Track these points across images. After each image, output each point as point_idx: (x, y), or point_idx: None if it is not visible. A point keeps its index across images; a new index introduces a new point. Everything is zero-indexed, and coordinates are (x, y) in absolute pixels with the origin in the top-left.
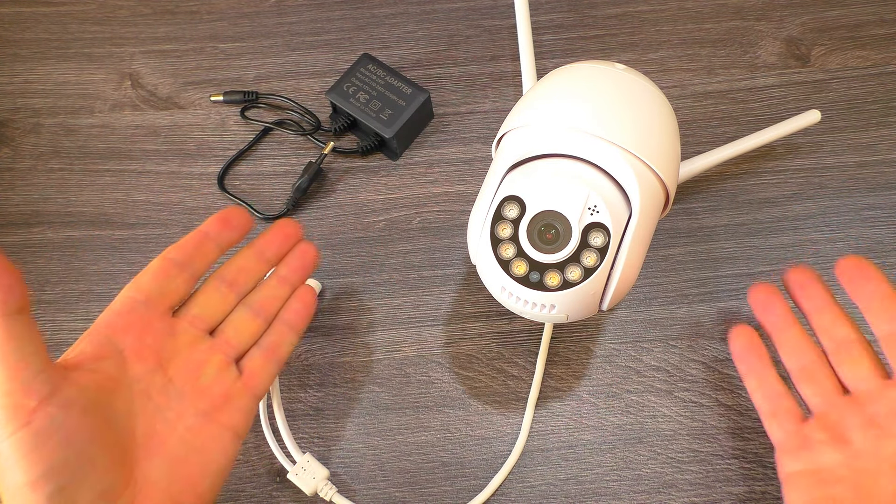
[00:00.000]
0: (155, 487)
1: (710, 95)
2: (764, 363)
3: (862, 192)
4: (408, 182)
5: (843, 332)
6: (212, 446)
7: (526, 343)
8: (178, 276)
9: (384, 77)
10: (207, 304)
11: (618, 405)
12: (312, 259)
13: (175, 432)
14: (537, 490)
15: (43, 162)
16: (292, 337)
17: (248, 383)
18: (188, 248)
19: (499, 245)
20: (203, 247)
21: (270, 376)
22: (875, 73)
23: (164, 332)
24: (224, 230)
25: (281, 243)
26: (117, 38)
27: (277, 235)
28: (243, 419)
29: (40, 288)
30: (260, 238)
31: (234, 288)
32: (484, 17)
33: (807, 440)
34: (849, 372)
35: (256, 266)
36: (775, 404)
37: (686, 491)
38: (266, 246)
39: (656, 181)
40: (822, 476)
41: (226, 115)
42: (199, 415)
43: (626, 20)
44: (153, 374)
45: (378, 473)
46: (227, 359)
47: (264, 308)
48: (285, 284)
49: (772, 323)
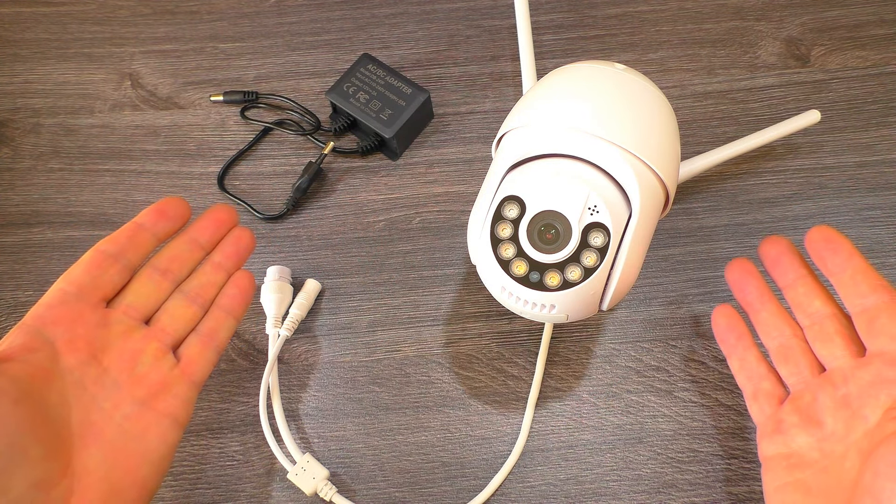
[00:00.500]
0: (93, 476)
1: (710, 95)
2: (745, 343)
3: (862, 192)
4: (408, 182)
5: (817, 306)
6: (150, 434)
7: (526, 343)
8: (110, 267)
9: (384, 77)
10: (141, 292)
11: (618, 405)
12: (247, 244)
13: (112, 421)
14: (537, 490)
15: (43, 162)
16: (230, 322)
17: (185, 370)
18: (121, 239)
19: (499, 245)
20: (137, 237)
21: (209, 363)
22: (875, 73)
23: (96, 322)
24: (160, 220)
25: (215, 229)
26: (117, 38)
27: (211, 221)
28: (182, 406)
29: (40, 288)
30: (193, 225)
31: (168, 276)
32: (484, 17)
33: (781, 423)
34: (823, 349)
35: (190, 253)
36: (756, 385)
37: (686, 491)
38: (199, 233)
39: (656, 181)
40: (793, 460)
41: (226, 115)
42: (136, 403)
43: (626, 20)
44: (87, 364)
45: (378, 473)
46: (162, 346)
47: (200, 295)
48: (220, 270)
49: (748, 301)
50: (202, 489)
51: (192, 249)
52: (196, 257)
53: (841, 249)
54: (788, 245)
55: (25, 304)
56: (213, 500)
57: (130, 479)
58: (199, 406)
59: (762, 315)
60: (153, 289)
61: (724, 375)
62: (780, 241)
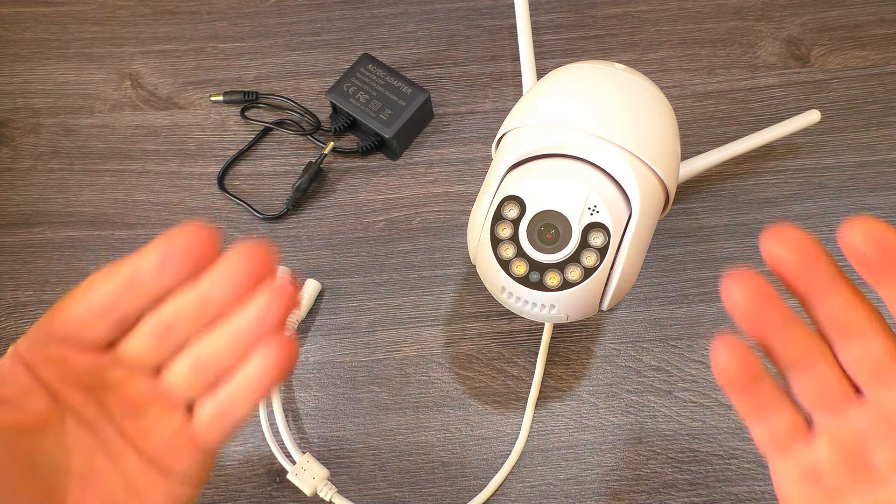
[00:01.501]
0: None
1: (710, 95)
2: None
3: (862, 192)
4: (408, 182)
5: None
6: (155, 493)
7: (526, 343)
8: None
9: (384, 77)
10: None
11: (618, 405)
12: (288, 303)
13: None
14: (537, 490)
15: (43, 162)
16: (257, 395)
17: (198, 434)
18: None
19: (499, 245)
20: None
21: (226, 432)
22: (875, 73)
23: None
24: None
25: (256, 279)
26: (117, 38)
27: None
28: (194, 467)
29: (40, 288)
30: (228, 268)
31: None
32: (484, 17)
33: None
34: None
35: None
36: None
37: (686, 491)
38: (233, 281)
39: (656, 181)
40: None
41: (226, 115)
42: (141, 457)
43: (626, 20)
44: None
45: (378, 473)
46: (174, 402)
47: (229, 351)
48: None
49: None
50: (203, 489)
51: (222, 296)
52: (224, 307)
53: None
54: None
55: (25, 303)
56: (213, 500)
57: None
58: None
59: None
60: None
61: None
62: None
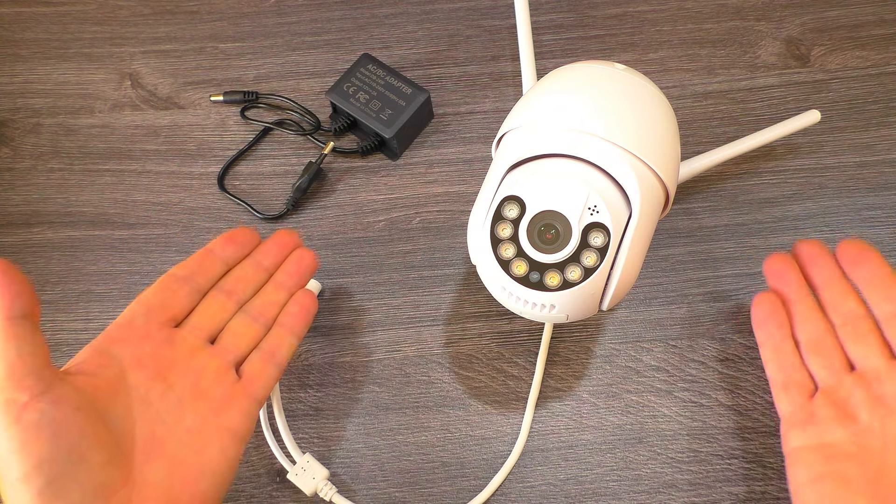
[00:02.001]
0: (153, 488)
1: (710, 95)
2: (783, 332)
3: (862, 192)
4: (408, 182)
5: (849, 307)
6: (210, 447)
7: (526, 343)
8: (179, 290)
9: (384, 77)
10: (206, 313)
11: (618, 405)
12: (309, 263)
13: (174, 435)
14: (537, 490)
15: (43, 162)
16: (291, 340)
17: (247, 387)
18: (192, 265)
19: (499, 245)
20: (206, 262)
21: (270, 379)
22: (875, 73)
23: (162, 341)
24: (229, 246)
25: (278, 252)
26: (117, 38)
27: (275, 244)
28: (243, 421)
29: (40, 288)
30: (258, 249)
31: (233, 296)
32: (484, 17)
33: (813, 415)
34: (855, 348)
35: (254, 275)
36: (788, 375)
37: (686, 491)
38: (264, 255)
39: (656, 181)
40: (828, 451)
41: (226, 115)
42: (198, 418)
43: (626, 20)
44: (153, 381)
45: (378, 473)
46: (225, 363)
47: (262, 314)
48: (282, 289)
49: (785, 293)
50: None
51: (257, 271)
52: (260, 279)
53: (872, 259)
54: (823, 247)
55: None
56: None
57: (190, 492)
58: None
59: (799, 307)
60: (218, 309)
61: (724, 375)
62: (817, 244)
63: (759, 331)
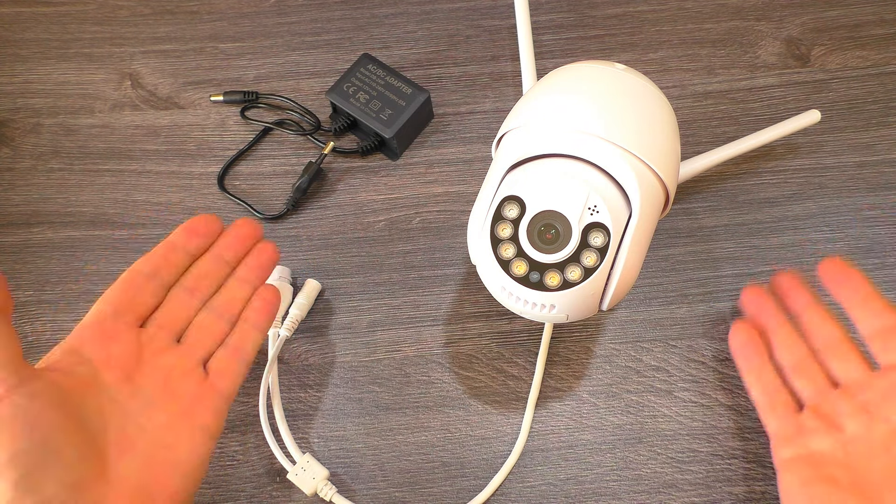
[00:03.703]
0: (126, 484)
1: (710, 95)
2: (762, 359)
3: (862, 192)
4: (408, 182)
5: (828, 332)
6: (181, 445)
7: (526, 343)
8: (145, 286)
9: (384, 77)
10: (171, 311)
11: (618, 405)
12: (270, 256)
13: (145, 433)
14: (537, 490)
15: (43, 162)
16: (256, 335)
17: (215, 384)
18: (156, 259)
19: (499, 245)
20: (170, 256)
21: (237, 375)
22: (875, 73)
23: (131, 342)
24: (192, 238)
25: (240, 245)
26: (117, 38)
27: (235, 238)
28: (213, 419)
29: (40, 288)
30: (218, 242)
31: (196, 294)
32: (484, 17)
33: (801, 428)
34: (838, 366)
35: (216, 270)
36: (772, 397)
37: (686, 491)
38: (224, 249)
39: (656, 181)
40: (816, 459)
41: (226, 115)
42: (169, 416)
43: (626, 20)
44: (122, 382)
45: (378, 473)
46: (193, 362)
47: (226, 310)
48: (245, 285)
49: (764, 322)
50: (202, 489)
51: (219, 266)
52: (222, 273)
53: (853, 278)
54: (798, 277)
55: (25, 303)
56: (213, 500)
57: (163, 489)
58: None
59: (778, 334)
60: (182, 307)
61: (724, 375)
62: (792, 276)
63: (739, 358)
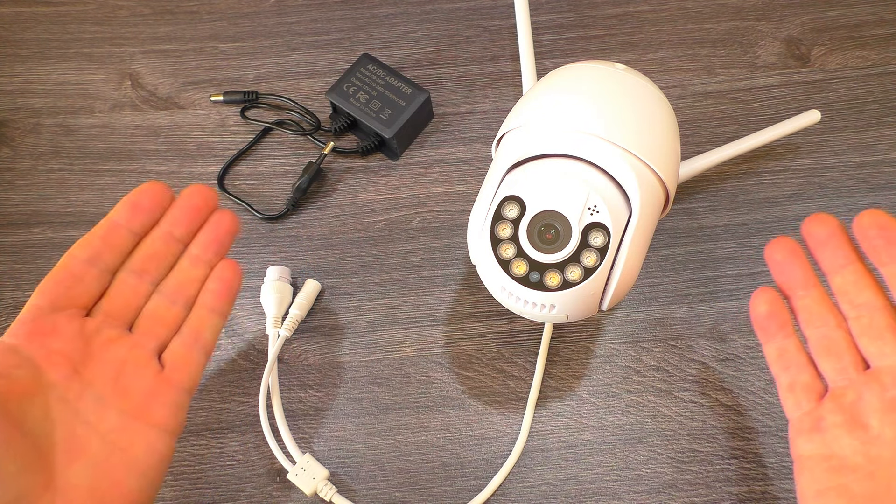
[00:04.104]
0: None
1: (710, 95)
2: (786, 331)
3: (862, 192)
4: (408, 182)
5: (867, 297)
6: (137, 445)
7: (526, 343)
8: (85, 273)
9: (384, 77)
10: (118, 298)
11: (618, 405)
12: (229, 229)
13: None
14: (537, 490)
15: (43, 162)
16: (215, 320)
17: (172, 376)
18: (95, 242)
19: (499, 245)
20: (111, 237)
21: (197, 365)
22: (875, 73)
23: (74, 335)
24: (136, 215)
25: (191, 218)
26: (117, 38)
27: (186, 210)
28: (171, 414)
29: None
30: (166, 216)
31: (145, 276)
32: (484, 17)
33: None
34: (871, 345)
35: (166, 249)
36: (793, 377)
37: (686, 491)
38: (173, 224)
39: (656, 181)
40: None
41: (226, 115)
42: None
43: (626, 20)
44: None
45: (378, 473)
46: (146, 353)
47: (180, 294)
48: (199, 264)
49: (790, 285)
50: (202, 489)
51: (169, 244)
52: (174, 252)
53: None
54: (838, 225)
55: (25, 303)
56: (213, 500)
57: (117, 492)
58: (198, 406)
59: (805, 301)
60: (131, 293)
61: (724, 375)
62: (830, 221)
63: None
